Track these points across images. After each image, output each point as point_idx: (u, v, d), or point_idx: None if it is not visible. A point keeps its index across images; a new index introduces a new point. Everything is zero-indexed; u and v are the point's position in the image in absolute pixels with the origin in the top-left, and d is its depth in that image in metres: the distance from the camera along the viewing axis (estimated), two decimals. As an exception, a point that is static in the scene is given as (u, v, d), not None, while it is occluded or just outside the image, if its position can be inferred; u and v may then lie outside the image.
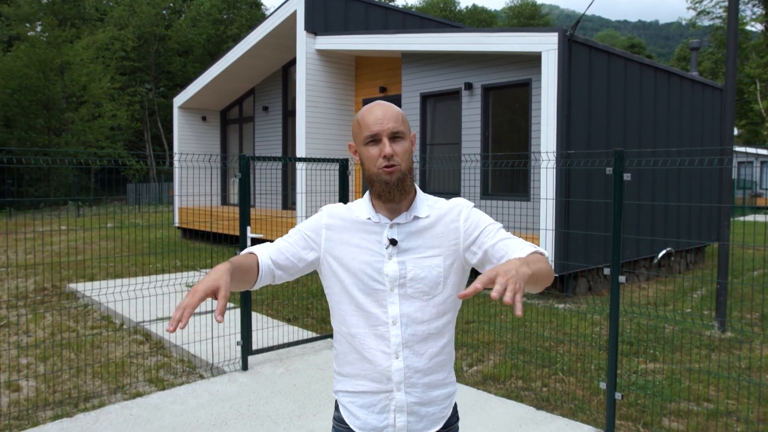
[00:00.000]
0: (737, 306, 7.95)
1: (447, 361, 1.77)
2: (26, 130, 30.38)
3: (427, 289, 1.69)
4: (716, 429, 4.07)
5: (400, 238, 1.70)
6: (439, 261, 1.69)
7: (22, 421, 4.17)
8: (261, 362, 5.41)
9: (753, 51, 37.82)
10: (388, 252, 1.70)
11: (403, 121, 1.69)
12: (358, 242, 1.72)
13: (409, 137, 1.72)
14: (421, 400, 1.71)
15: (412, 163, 1.71)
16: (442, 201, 1.79)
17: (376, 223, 1.72)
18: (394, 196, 1.67)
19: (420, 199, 1.75)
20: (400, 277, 1.68)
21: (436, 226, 1.72)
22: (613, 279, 3.99)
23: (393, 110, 1.69)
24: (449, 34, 9.54)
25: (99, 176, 31.58)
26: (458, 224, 1.71)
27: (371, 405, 1.72)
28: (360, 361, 1.72)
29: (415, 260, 1.68)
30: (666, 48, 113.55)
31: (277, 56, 13.50)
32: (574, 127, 8.16)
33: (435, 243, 1.70)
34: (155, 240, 11.88)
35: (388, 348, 1.68)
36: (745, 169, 29.21)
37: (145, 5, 40.25)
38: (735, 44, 6.67)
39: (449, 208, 1.74)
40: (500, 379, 5.03)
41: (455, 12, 59.45)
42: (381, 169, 1.65)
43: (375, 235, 1.72)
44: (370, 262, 1.70)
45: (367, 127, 1.67)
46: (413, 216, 1.72)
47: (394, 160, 1.65)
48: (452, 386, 1.81)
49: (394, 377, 1.69)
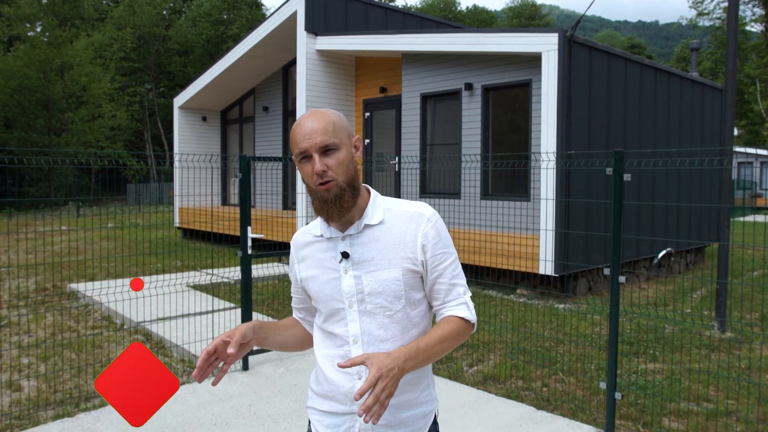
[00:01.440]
0: (737, 306, 7.95)
1: (419, 379, 1.67)
2: (26, 131, 30.39)
3: (387, 304, 1.60)
4: (716, 429, 4.08)
5: (352, 251, 1.62)
6: (396, 273, 1.60)
7: (24, 420, 4.18)
8: (261, 362, 5.42)
9: (753, 51, 37.82)
10: (342, 266, 1.63)
11: (334, 132, 1.56)
12: (317, 262, 1.68)
13: (346, 146, 1.59)
14: (389, 422, 1.62)
15: (352, 172, 1.60)
16: (402, 204, 1.67)
17: (328, 238, 1.66)
18: (332, 214, 1.57)
19: (374, 204, 1.66)
20: (357, 293, 1.61)
21: (390, 233, 1.62)
22: (613, 279, 4.00)
23: (322, 120, 1.57)
24: (449, 35, 9.55)
25: (99, 176, 31.59)
26: (416, 240, 1.61)
27: (336, 426, 1.66)
28: (326, 382, 1.67)
29: (370, 273, 1.60)
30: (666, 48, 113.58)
31: (278, 56, 13.51)
32: (574, 128, 8.17)
33: (390, 254, 1.61)
34: (156, 240, 11.89)
35: (350, 369, 1.61)
36: (744, 169, 29.22)
37: (145, 5, 40.27)
38: (734, 44, 6.68)
39: (408, 216, 1.63)
40: (500, 379, 5.03)
41: (455, 12, 59.46)
42: (318, 186, 1.56)
43: (330, 251, 1.65)
44: (327, 281, 1.64)
45: (295, 143, 1.57)
46: (363, 225, 1.63)
47: (328, 175, 1.55)
48: (428, 405, 1.71)
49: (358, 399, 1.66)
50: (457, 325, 1.60)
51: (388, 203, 1.67)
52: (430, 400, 1.71)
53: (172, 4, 46.77)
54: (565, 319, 7.03)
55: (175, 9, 48.11)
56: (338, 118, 1.61)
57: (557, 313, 7.26)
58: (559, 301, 8.09)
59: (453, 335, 1.58)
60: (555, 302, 8.00)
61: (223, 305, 7.48)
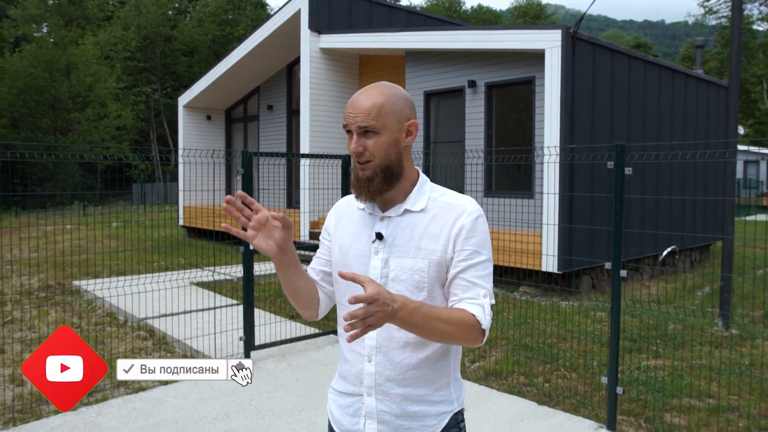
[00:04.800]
0: (741, 303, 7.91)
1: (432, 377, 1.61)
2: (33, 130, 30.52)
3: (408, 293, 1.54)
4: (718, 424, 4.06)
5: (387, 233, 1.59)
6: (422, 264, 1.55)
7: (26, 414, 4.20)
8: (263, 357, 5.42)
9: (759, 50, 37.63)
10: (374, 247, 1.60)
11: (377, 115, 1.52)
12: (354, 234, 1.65)
13: (390, 131, 1.54)
14: (395, 411, 1.59)
15: (392, 157, 1.56)
16: (449, 195, 1.62)
17: (369, 214, 1.63)
18: (360, 193, 1.58)
19: (420, 190, 1.62)
20: (381, 276, 1.57)
21: (429, 223, 1.57)
22: (614, 273, 3.99)
23: (370, 100, 1.53)
24: (453, 32, 9.54)
25: (105, 176, 31.70)
26: (451, 232, 1.55)
27: (346, 406, 1.66)
28: (343, 362, 1.67)
29: (398, 260, 1.57)
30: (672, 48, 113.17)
31: (282, 55, 13.53)
32: (577, 125, 8.15)
33: (422, 243, 1.56)
34: (160, 238, 11.93)
35: (362, 350, 1.60)
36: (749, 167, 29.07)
37: (150, 6, 40.38)
38: (739, 35, 6.65)
39: (450, 209, 1.58)
40: (502, 375, 5.02)
41: (460, 12, 59.39)
42: (356, 164, 1.57)
43: (367, 228, 1.63)
44: (358, 256, 1.62)
45: (345, 114, 1.57)
46: (404, 209, 1.59)
47: (364, 156, 1.54)
48: (443, 406, 1.63)
49: (365, 381, 1.60)
50: (468, 319, 1.49)
51: (435, 192, 1.62)
52: (446, 401, 1.64)
53: (177, 5, 46.87)
54: (568, 315, 7.01)
55: (181, 9, 48.21)
56: (390, 100, 1.55)
57: (560, 310, 7.24)
58: (562, 298, 8.07)
59: (458, 324, 1.48)
60: (558, 299, 7.98)
61: (226, 302, 7.50)
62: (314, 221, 11.33)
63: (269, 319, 6.69)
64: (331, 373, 5.19)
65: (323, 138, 11.66)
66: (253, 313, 5.41)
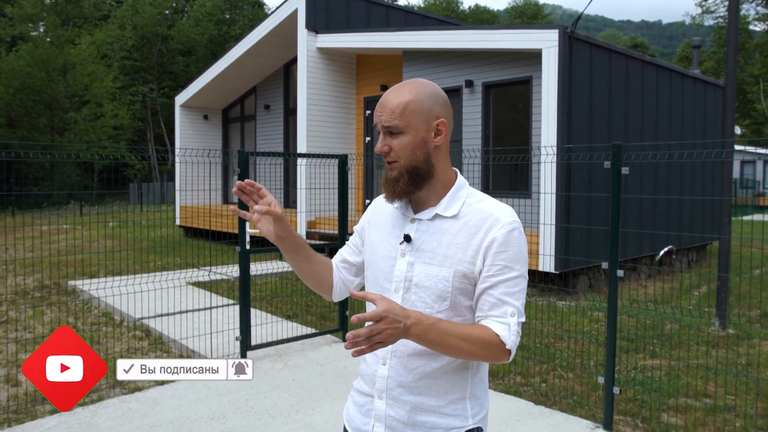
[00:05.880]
0: (738, 303, 7.92)
1: (447, 388, 1.54)
2: (29, 130, 30.46)
3: (430, 302, 1.51)
4: (715, 424, 4.06)
5: (416, 237, 1.55)
6: (446, 273, 1.50)
7: (21, 414, 4.18)
8: (260, 357, 5.41)
9: (756, 50, 37.71)
10: (401, 249, 1.56)
11: (402, 114, 1.49)
12: (386, 232, 1.63)
13: (415, 130, 1.50)
14: (403, 418, 1.55)
15: (419, 158, 1.51)
16: (486, 203, 1.56)
17: (402, 213, 1.60)
18: (388, 193, 1.55)
19: (456, 195, 1.56)
20: (405, 280, 1.54)
21: (460, 230, 1.52)
22: (611, 273, 3.98)
23: (397, 99, 1.50)
24: (451, 32, 9.54)
25: (101, 175, 31.64)
26: (483, 242, 1.49)
27: (360, 405, 1.65)
28: (362, 360, 1.65)
29: (423, 266, 1.52)
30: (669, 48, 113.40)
31: (279, 54, 13.51)
32: (574, 125, 8.15)
33: (450, 251, 1.50)
34: (156, 238, 11.90)
35: (379, 352, 1.56)
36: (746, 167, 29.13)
37: (147, 5, 40.32)
38: (736, 35, 6.66)
39: (483, 217, 1.51)
40: (499, 374, 5.02)
41: (458, 12, 59.41)
42: (385, 163, 1.55)
43: (397, 228, 1.60)
44: (385, 256, 1.59)
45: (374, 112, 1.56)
46: (434, 213, 1.55)
47: (390, 156, 1.52)
48: (455, 420, 1.55)
49: (378, 384, 1.58)
50: (489, 338, 1.44)
51: (472, 197, 1.57)
52: (459, 416, 1.55)
53: (174, 4, 46.79)
54: (565, 315, 7.01)
55: (178, 9, 48.14)
56: (418, 98, 1.51)
57: (557, 310, 7.24)
58: (559, 297, 8.06)
59: (479, 342, 1.43)
60: (555, 299, 7.98)
61: (222, 302, 7.48)
62: (311, 221, 11.32)
63: (266, 319, 6.68)
64: (328, 373, 5.20)
65: (320, 138, 11.65)
66: (249, 312, 5.40)
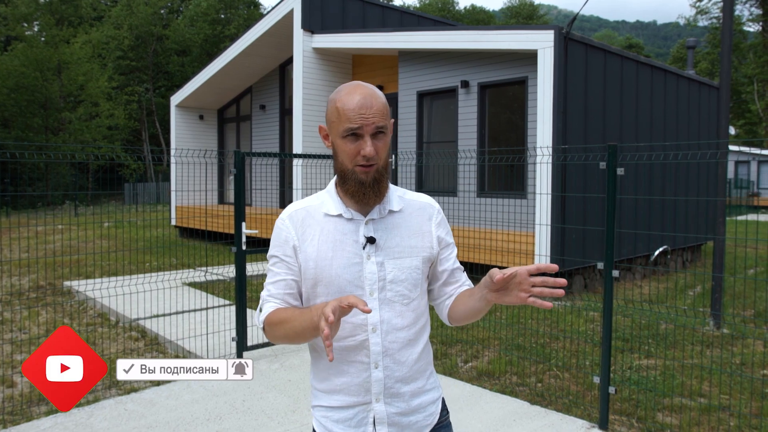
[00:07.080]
0: (733, 303, 7.95)
1: (425, 366, 1.67)
2: (24, 130, 30.32)
3: (407, 293, 1.58)
4: (710, 423, 4.08)
5: (377, 236, 1.56)
6: (417, 262, 1.59)
7: (17, 416, 4.17)
8: (256, 358, 5.41)
9: (750, 51, 37.87)
10: (365, 252, 1.55)
11: (385, 114, 1.51)
12: (333, 243, 1.55)
13: (388, 131, 1.54)
14: (403, 410, 1.60)
15: (388, 156, 1.56)
16: (411, 193, 1.68)
17: (349, 219, 1.57)
18: (369, 198, 1.53)
19: (392, 190, 1.63)
20: (379, 280, 1.55)
21: (409, 221, 1.62)
22: (606, 273, 4.00)
23: (378, 100, 1.50)
24: (446, 32, 9.55)
25: (97, 176, 31.53)
26: (431, 228, 1.64)
27: (347, 419, 1.59)
28: (336, 376, 1.59)
29: (393, 261, 1.56)
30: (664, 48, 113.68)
31: (274, 55, 13.50)
32: (570, 125, 8.17)
33: (411, 242, 1.60)
34: (152, 238, 11.88)
35: (367, 358, 1.55)
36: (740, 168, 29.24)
37: (142, 5, 40.21)
38: (730, 36, 6.68)
39: (420, 206, 1.66)
40: (495, 374, 5.03)
41: (454, 12, 59.47)
42: (357, 167, 1.50)
43: (350, 234, 1.56)
44: (347, 265, 1.54)
45: (347, 118, 1.47)
46: (387, 210, 1.59)
47: (374, 159, 1.49)
48: (435, 391, 1.70)
49: (373, 388, 1.57)
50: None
51: (398, 191, 1.67)
52: (435, 387, 1.71)
53: (169, 4, 46.69)
54: (561, 315, 7.03)
55: (173, 9, 48.03)
56: (384, 98, 1.56)
57: (553, 310, 7.26)
58: (555, 298, 8.08)
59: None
60: (551, 299, 8.00)
61: (218, 302, 7.47)
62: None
63: (262, 319, 6.67)
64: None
65: (316, 138, 11.64)
66: (245, 313, 5.40)
